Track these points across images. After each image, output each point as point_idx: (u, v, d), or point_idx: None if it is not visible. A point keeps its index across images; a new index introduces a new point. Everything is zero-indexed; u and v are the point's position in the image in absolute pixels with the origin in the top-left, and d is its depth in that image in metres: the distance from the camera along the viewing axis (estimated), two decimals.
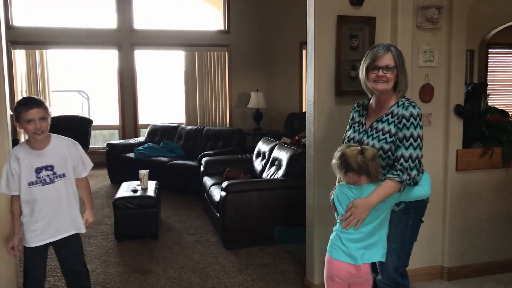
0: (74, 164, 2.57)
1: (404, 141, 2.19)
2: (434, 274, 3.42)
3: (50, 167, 2.47)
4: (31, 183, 2.44)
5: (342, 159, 2.18)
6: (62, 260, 2.63)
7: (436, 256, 3.41)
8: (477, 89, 3.35)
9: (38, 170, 2.45)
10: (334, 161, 2.24)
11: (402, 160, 2.17)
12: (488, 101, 3.74)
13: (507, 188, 3.49)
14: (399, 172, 2.15)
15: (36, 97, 2.47)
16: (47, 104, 2.45)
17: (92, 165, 2.69)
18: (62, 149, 2.53)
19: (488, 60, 8.04)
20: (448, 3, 3.19)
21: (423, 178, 2.25)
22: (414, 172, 2.17)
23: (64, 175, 2.52)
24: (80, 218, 2.64)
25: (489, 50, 8.09)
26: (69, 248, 2.59)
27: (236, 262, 3.83)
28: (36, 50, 7.72)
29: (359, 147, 2.18)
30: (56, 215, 2.51)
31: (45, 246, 2.55)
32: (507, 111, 3.79)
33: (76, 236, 2.62)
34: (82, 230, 2.64)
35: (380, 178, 2.21)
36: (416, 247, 2.46)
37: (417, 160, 2.18)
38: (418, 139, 2.19)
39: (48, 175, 2.47)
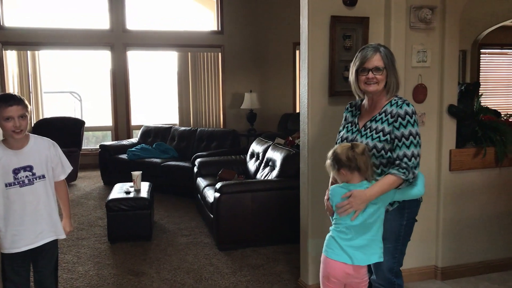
0: (53, 166, 2.44)
1: (404, 139, 2.18)
2: (428, 274, 3.42)
3: (29, 168, 2.33)
4: (8, 184, 2.30)
5: (334, 155, 2.19)
6: (37, 269, 2.46)
7: (430, 255, 3.42)
8: (470, 89, 3.36)
9: (16, 171, 2.31)
10: (328, 161, 2.23)
11: (405, 159, 2.16)
12: (481, 101, 3.76)
13: (500, 187, 3.51)
14: (404, 170, 2.15)
15: (16, 94, 2.32)
16: (26, 102, 2.32)
17: (72, 168, 2.55)
18: (41, 149, 2.39)
19: (481, 60, 8.10)
20: (441, 4, 3.20)
21: (417, 178, 2.24)
22: (417, 170, 2.18)
23: (43, 176, 2.39)
24: (60, 223, 2.50)
25: (481, 50, 8.15)
26: (44, 255, 2.43)
27: (230, 263, 3.81)
28: (28, 51, 7.67)
29: (350, 144, 2.19)
30: (35, 219, 2.37)
31: (26, 253, 2.39)
32: (499, 111, 3.81)
33: (54, 243, 2.47)
34: (62, 235, 2.48)
35: (374, 178, 2.21)
36: (410, 247, 2.46)
37: (418, 158, 2.18)
38: (417, 137, 2.19)
39: (27, 176, 2.33)
